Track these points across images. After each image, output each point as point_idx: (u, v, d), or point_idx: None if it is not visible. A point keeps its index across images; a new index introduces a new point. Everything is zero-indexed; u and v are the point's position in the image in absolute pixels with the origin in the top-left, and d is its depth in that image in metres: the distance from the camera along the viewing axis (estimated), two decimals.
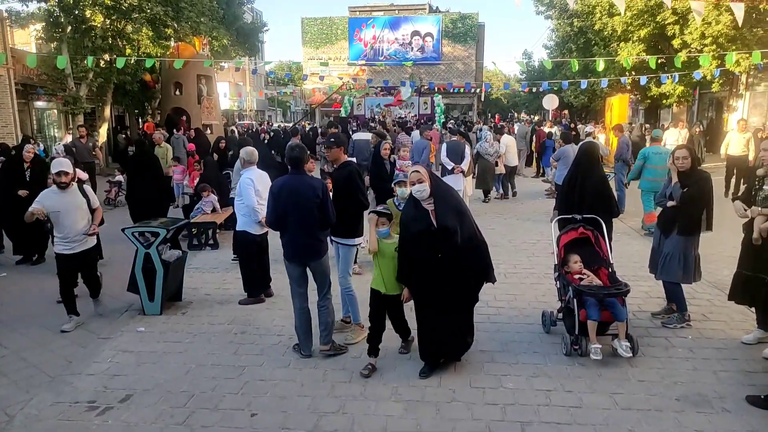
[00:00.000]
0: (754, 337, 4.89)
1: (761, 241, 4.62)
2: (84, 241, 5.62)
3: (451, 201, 4.32)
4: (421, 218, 4.22)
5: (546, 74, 33.39)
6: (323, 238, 4.81)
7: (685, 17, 18.42)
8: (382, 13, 43.55)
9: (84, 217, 5.60)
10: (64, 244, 5.55)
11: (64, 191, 5.47)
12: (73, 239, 5.53)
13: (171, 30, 19.41)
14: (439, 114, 29.37)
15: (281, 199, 4.62)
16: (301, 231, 4.63)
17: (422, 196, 4.21)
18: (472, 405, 4.01)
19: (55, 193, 5.51)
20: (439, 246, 4.19)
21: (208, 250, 8.72)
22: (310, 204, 4.59)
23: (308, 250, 4.70)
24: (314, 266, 4.76)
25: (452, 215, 4.21)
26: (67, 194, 5.50)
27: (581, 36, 26.18)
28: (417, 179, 4.19)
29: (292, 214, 4.61)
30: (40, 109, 20.21)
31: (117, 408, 4.07)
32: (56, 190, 5.49)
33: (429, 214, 4.22)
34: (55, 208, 5.43)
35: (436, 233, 4.17)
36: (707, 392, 4.12)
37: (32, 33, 18.86)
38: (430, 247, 4.21)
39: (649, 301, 5.99)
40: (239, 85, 44.49)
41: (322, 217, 4.65)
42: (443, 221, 4.16)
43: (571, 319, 4.70)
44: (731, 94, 22.45)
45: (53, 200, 5.46)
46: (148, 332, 5.49)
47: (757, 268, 4.72)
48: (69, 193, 5.52)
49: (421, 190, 4.19)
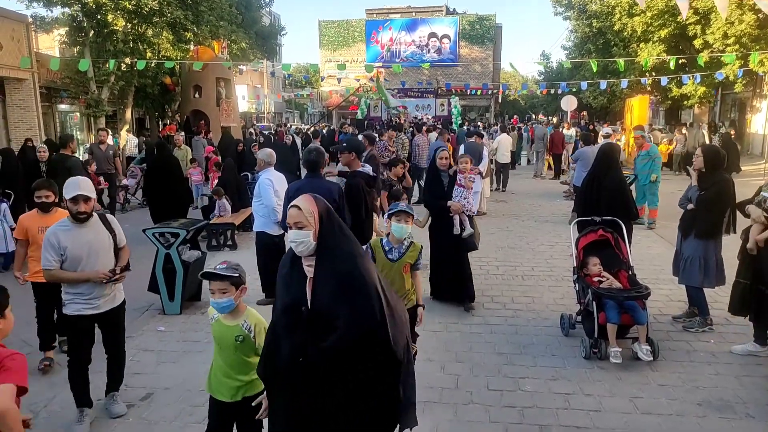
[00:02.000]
0: (744, 348, 4.72)
1: (756, 251, 4.52)
2: (112, 295, 3.96)
3: (345, 263, 2.33)
4: (293, 286, 2.44)
5: (564, 75, 33.13)
6: None
7: (707, 17, 18.15)
8: (399, 15, 43.59)
9: (111, 261, 3.91)
10: (85, 302, 3.80)
11: (82, 225, 3.76)
12: (98, 294, 3.83)
13: (191, 34, 19.66)
14: (456, 116, 29.30)
15: None
16: None
17: (301, 251, 2.38)
18: (490, 407, 3.99)
19: (68, 228, 3.74)
20: (305, 342, 2.32)
21: (227, 251, 8.80)
22: None
23: None
24: None
25: (338, 290, 2.29)
26: (88, 230, 3.79)
27: (600, 37, 25.92)
28: (294, 222, 2.37)
29: None
30: (63, 112, 20.58)
31: (138, 406, 4.13)
32: (70, 223, 3.75)
33: (306, 282, 2.38)
34: (72, 251, 3.70)
35: (306, 318, 2.33)
36: (730, 397, 4.05)
37: (56, 37, 19.27)
38: (295, 340, 2.35)
39: (671, 304, 5.91)
40: (257, 88, 44.81)
41: None
42: (320, 299, 2.31)
43: (591, 322, 4.66)
44: (755, 95, 22.04)
45: (68, 239, 3.70)
46: (168, 331, 5.56)
47: (754, 277, 4.59)
48: (90, 227, 3.80)
49: (298, 240, 2.36)
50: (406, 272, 3.79)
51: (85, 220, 3.75)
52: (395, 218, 3.81)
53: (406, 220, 3.81)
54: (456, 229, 5.79)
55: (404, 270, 3.78)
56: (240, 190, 9.86)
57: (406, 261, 3.78)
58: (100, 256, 3.81)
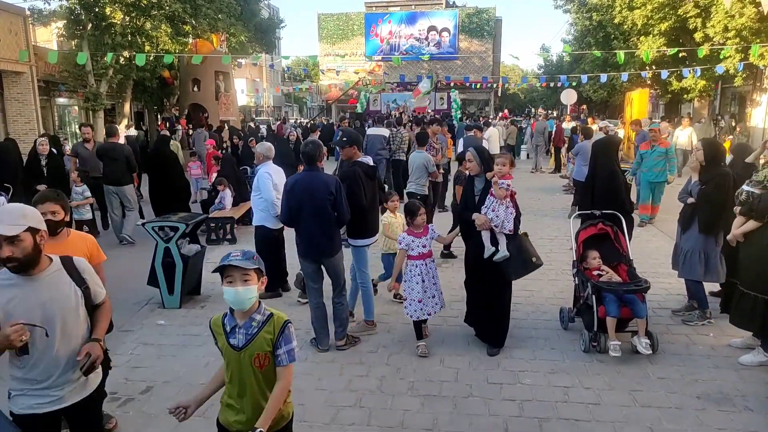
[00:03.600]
0: (743, 342, 4.74)
1: (734, 243, 4.56)
2: (82, 381, 2.61)
3: None
4: None
5: (564, 69, 33.08)
6: (336, 236, 4.80)
7: (707, 10, 18.09)
8: (398, 8, 43.39)
9: (80, 329, 2.59)
10: (38, 394, 2.50)
11: (31, 278, 2.45)
12: (56, 381, 2.52)
13: (189, 27, 19.62)
14: (455, 109, 29.24)
15: (295, 196, 4.63)
16: (315, 228, 4.63)
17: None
18: (489, 400, 4.00)
19: (10, 282, 2.42)
20: None
21: (226, 244, 8.80)
22: (323, 201, 4.57)
23: (321, 248, 4.70)
24: (327, 264, 4.80)
25: None
26: (40, 285, 2.46)
27: (600, 30, 25.86)
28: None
29: (305, 211, 4.60)
30: (61, 106, 20.53)
31: (138, 399, 4.14)
32: (14, 275, 2.42)
33: None
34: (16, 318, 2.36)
35: None
36: (729, 390, 4.06)
37: (54, 31, 19.18)
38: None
39: (670, 298, 5.92)
40: (256, 81, 44.72)
41: (336, 214, 4.66)
42: None
43: (590, 316, 4.66)
44: (755, 88, 22.00)
45: (9, 300, 2.40)
46: (167, 325, 5.56)
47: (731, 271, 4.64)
48: (43, 282, 2.47)
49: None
50: (261, 368, 2.37)
51: (24, 270, 2.40)
52: (226, 279, 2.37)
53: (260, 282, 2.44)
54: (486, 250, 4.63)
55: (257, 364, 2.36)
56: (239, 183, 9.85)
57: (259, 349, 2.36)
58: (64, 324, 2.50)
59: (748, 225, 4.44)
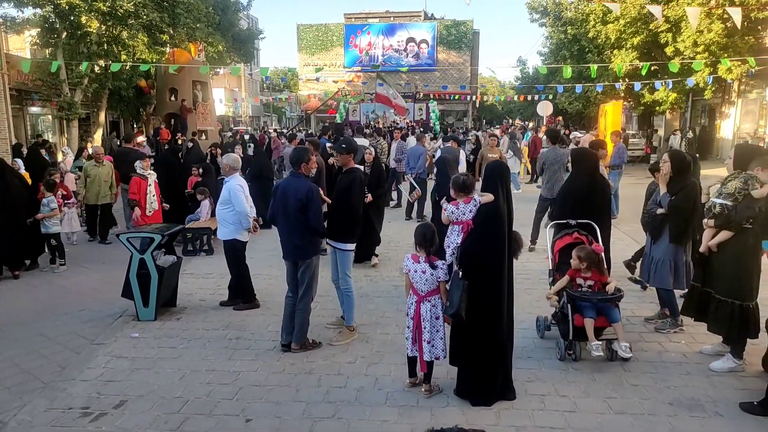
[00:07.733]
0: (713, 349, 4.83)
1: (708, 254, 4.63)
2: None
3: None
4: None
5: (540, 81, 33.63)
6: (307, 241, 4.98)
7: (678, 25, 18.61)
8: (377, 20, 43.79)
9: None
10: None
11: None
12: None
13: (167, 36, 19.46)
14: (434, 120, 29.48)
15: (276, 200, 5.00)
16: (286, 231, 4.99)
17: None
18: (467, 410, 4.02)
19: None
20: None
21: (203, 255, 8.70)
22: (292, 207, 4.86)
23: (294, 251, 5.01)
24: (300, 266, 5.03)
25: None
26: None
27: (575, 43, 26.40)
28: None
29: (280, 214, 4.97)
30: (34, 115, 20.16)
31: (111, 414, 4.05)
32: None
33: None
34: None
35: None
36: (700, 396, 4.14)
37: (27, 39, 18.87)
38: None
39: (642, 306, 6.02)
40: (234, 91, 44.47)
41: (304, 221, 4.85)
42: None
43: (566, 325, 4.72)
44: (723, 101, 22.65)
45: None
46: (142, 338, 5.47)
47: (705, 281, 4.69)
48: None
49: None
50: None
51: None
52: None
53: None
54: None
55: None
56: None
57: None
58: None
59: (721, 235, 4.51)
